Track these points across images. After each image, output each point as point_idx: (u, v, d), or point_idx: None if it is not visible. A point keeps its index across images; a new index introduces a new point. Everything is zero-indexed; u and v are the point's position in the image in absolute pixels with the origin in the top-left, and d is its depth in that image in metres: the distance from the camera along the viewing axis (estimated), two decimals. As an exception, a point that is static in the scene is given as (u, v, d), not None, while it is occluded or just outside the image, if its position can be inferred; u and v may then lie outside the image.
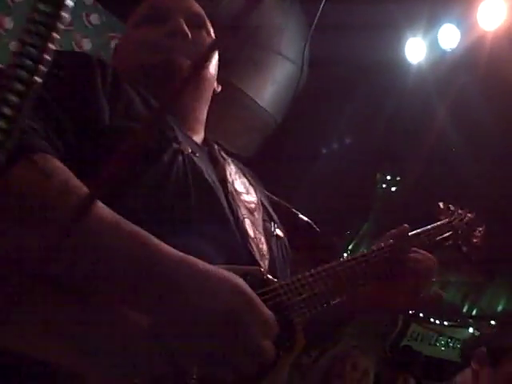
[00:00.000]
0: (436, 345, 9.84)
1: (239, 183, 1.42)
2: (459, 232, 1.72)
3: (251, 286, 1.00)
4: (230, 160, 1.50)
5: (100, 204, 0.94)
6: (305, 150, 4.93)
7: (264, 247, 1.29)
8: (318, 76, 4.32)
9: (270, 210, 1.51)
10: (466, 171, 4.76)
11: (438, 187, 5.03)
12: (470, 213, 1.82)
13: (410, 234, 1.50)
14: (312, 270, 1.21)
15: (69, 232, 0.80)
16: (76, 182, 0.96)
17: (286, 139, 4.67)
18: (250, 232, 1.26)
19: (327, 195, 5.45)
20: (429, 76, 4.07)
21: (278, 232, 1.44)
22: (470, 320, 9.32)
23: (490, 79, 3.94)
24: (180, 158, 1.20)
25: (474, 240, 1.78)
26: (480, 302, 8.86)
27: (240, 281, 0.98)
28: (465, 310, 9.26)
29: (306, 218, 1.85)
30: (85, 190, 0.94)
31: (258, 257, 1.22)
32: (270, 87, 4.25)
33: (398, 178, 6.14)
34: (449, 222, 1.72)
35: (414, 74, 4.17)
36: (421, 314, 9.82)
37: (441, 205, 1.83)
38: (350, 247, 8.48)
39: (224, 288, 0.95)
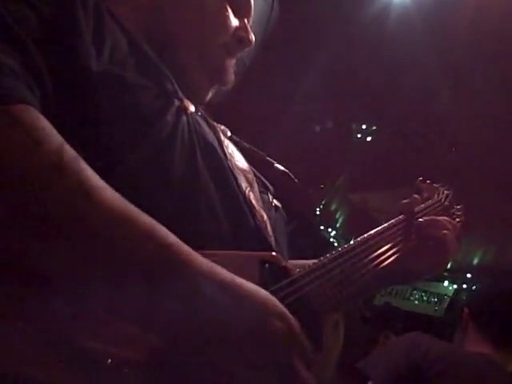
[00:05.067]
0: (410, 299, 9.92)
1: (232, 148, 1.24)
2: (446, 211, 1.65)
3: (271, 278, 0.92)
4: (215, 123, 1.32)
5: (102, 185, 0.76)
6: (276, 95, 4.62)
7: (268, 225, 1.14)
8: (290, 14, 3.99)
9: (261, 176, 1.35)
10: (450, 117, 4.54)
11: (418, 134, 4.82)
12: (447, 189, 1.73)
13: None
14: (328, 256, 1.09)
15: (67, 228, 0.72)
16: (70, 151, 0.76)
17: (257, 83, 4.36)
18: (256, 208, 1.12)
19: (300, 145, 5.21)
20: (412, 12, 3.77)
21: (276, 202, 1.31)
22: (445, 273, 9.32)
23: (479, 17, 3.67)
24: (184, 117, 1.04)
25: (457, 219, 1.66)
26: (455, 255, 8.84)
27: (276, 301, 0.84)
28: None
29: (282, 167, 1.68)
30: (82, 164, 0.76)
31: (267, 236, 1.09)
32: (238, 27, 3.89)
33: (374, 128, 5.96)
34: (439, 201, 1.63)
35: (397, 9, 3.86)
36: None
37: (420, 181, 1.74)
38: (323, 201, 8.38)
39: (259, 310, 0.81)
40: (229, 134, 1.77)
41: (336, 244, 9.84)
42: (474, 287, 9.11)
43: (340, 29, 4.25)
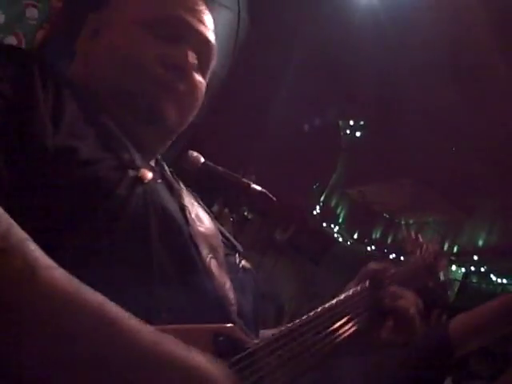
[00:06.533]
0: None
1: (197, 212, 1.21)
2: (428, 268, 1.66)
3: (226, 351, 0.90)
4: (181, 183, 1.30)
5: (50, 264, 0.74)
6: (256, 103, 4.56)
7: (231, 293, 1.11)
8: (259, 22, 3.95)
9: (229, 236, 1.33)
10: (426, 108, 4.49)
11: (402, 129, 4.78)
12: (434, 243, 1.77)
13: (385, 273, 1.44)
14: (290, 326, 1.07)
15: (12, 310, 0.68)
16: (18, 234, 0.75)
17: (234, 94, 4.30)
18: (218, 276, 1.09)
19: (288, 148, 5.16)
20: (380, 12, 3.71)
21: (244, 263, 1.28)
22: (452, 258, 9.27)
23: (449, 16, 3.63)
24: (140, 189, 1.00)
25: (440, 278, 1.73)
26: (459, 239, 8.81)
27: (228, 377, 0.81)
28: (445, 249, 9.21)
29: (259, 188, 1.72)
30: (30, 246, 0.73)
31: (227, 306, 1.06)
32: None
33: (362, 123, 5.91)
34: (420, 258, 1.66)
35: (364, 10, 3.80)
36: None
37: (407, 235, 1.81)
38: (321, 199, 8.34)
39: None
40: (202, 160, 1.71)
41: (341, 239, 9.82)
42: (482, 269, 9.06)
43: (312, 31, 4.20)
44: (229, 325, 0.98)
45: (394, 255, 9.77)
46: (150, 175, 1.05)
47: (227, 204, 1.98)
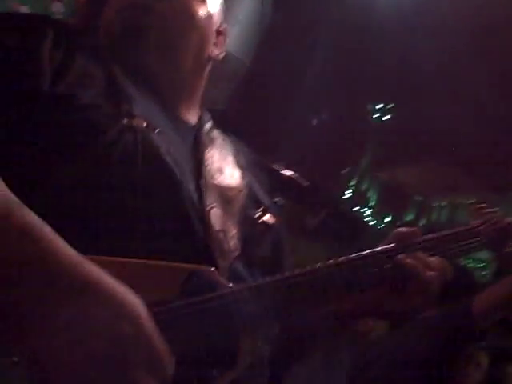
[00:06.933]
0: (455, 268, 9.73)
1: (222, 166, 1.29)
2: (488, 238, 1.53)
3: (196, 290, 0.94)
4: (220, 139, 1.38)
5: None
6: (283, 91, 4.56)
7: (232, 242, 1.16)
8: (283, 6, 3.94)
9: (261, 192, 1.39)
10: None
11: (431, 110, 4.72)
12: (505, 218, 1.62)
13: (420, 238, 1.31)
14: (281, 275, 1.08)
15: None
16: None
17: (261, 80, 4.31)
18: (216, 224, 1.14)
19: (317, 133, 5.15)
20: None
21: (267, 218, 1.31)
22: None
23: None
24: (129, 135, 1.08)
25: (507, 250, 1.60)
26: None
27: (137, 306, 0.82)
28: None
29: (288, 173, 1.71)
30: None
31: (217, 253, 1.10)
32: (233, 28, 3.85)
33: (391, 105, 5.84)
34: (476, 227, 1.53)
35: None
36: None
37: (473, 204, 1.73)
38: (351, 184, 8.28)
39: (112, 311, 0.79)
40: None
41: (374, 222, 9.77)
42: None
43: (338, 12, 4.18)
44: (211, 268, 1.01)
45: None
46: (144, 123, 1.11)
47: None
